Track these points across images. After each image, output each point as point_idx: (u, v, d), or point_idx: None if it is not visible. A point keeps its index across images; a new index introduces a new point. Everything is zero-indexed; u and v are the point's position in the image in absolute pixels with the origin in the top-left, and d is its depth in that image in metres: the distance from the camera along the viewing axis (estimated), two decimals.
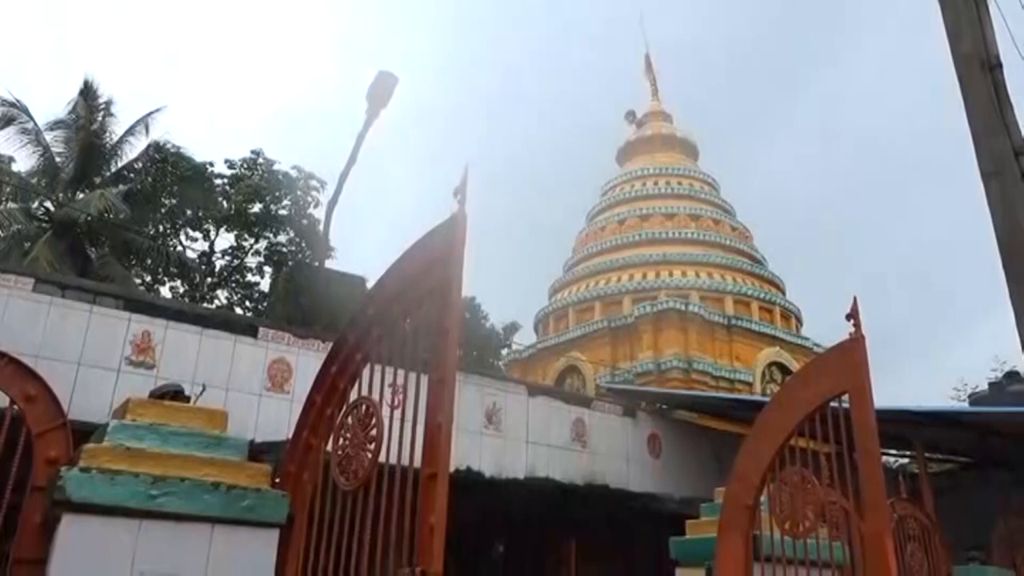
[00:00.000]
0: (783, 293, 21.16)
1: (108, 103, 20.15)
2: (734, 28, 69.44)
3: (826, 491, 5.18)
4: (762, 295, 19.95)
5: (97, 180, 19.56)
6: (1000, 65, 3.68)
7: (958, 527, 8.88)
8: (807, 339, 19.66)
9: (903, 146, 63.99)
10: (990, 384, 15.96)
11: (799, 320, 21.05)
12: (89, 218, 17.90)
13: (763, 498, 5.44)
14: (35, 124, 19.03)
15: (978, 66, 3.54)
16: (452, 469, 3.38)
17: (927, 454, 11.17)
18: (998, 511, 9.67)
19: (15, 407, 4.12)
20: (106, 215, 18.11)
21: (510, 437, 9.50)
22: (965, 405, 16.56)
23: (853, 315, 4.97)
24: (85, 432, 4.15)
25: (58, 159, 19.40)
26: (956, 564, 8.43)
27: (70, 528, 3.64)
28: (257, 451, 4.80)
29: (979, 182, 3.24)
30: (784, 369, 18.27)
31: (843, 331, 5.08)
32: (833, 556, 5.26)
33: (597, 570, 10.71)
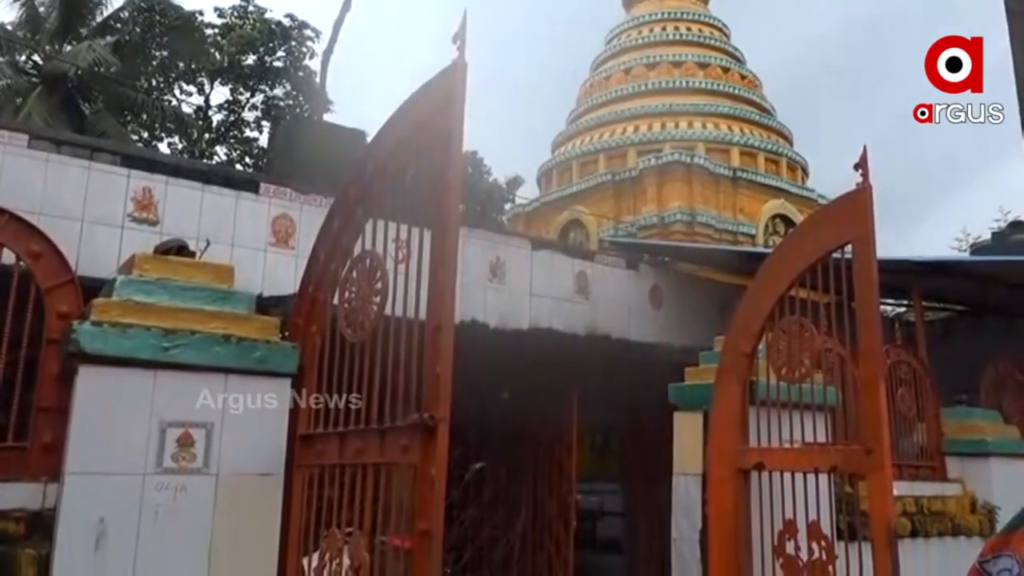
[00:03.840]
0: (791, 144, 20.79)
1: None
2: None
3: (824, 339, 5.28)
4: (769, 146, 19.62)
5: (83, 31, 18.85)
6: None
7: (951, 372, 9.10)
8: (812, 191, 19.50)
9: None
10: (993, 234, 15.88)
11: (805, 172, 20.80)
12: (79, 71, 17.37)
13: (761, 347, 5.57)
14: None
15: None
16: (457, 321, 3.43)
17: (924, 303, 11.31)
18: (989, 356, 9.88)
19: (21, 264, 4.14)
20: (96, 68, 17.57)
21: (514, 290, 9.61)
22: (966, 255, 16.62)
23: (861, 165, 4.86)
24: (93, 288, 4.20)
25: (41, 9, 18.61)
26: (945, 407, 8.73)
27: (87, 379, 3.77)
28: (265, 305, 4.87)
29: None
30: (788, 221, 18.24)
31: (852, 184, 4.98)
32: (827, 399, 5.44)
33: (598, 415, 11.14)
